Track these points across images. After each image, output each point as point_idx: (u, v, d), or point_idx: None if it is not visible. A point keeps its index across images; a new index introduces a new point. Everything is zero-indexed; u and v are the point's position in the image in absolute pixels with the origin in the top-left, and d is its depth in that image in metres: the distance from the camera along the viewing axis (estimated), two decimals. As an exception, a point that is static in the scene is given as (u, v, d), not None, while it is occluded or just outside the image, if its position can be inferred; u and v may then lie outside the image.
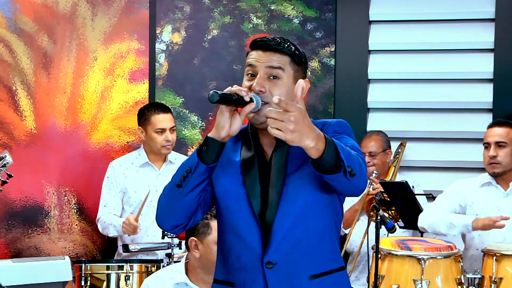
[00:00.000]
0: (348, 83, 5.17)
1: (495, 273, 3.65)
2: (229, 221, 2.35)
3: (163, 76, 5.25)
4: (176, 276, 3.37)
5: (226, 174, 2.34)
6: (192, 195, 2.29)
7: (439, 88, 5.13)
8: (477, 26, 5.07)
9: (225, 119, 2.25)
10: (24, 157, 4.97)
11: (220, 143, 2.25)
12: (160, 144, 4.56)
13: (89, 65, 5.11)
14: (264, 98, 2.29)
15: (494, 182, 4.16)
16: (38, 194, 5.01)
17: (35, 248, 5.01)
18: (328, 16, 5.19)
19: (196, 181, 2.27)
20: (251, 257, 2.30)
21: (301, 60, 2.37)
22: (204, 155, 2.25)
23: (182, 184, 2.28)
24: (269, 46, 2.34)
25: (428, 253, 3.61)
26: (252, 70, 2.34)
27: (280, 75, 2.32)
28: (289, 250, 2.28)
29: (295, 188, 2.28)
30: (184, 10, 5.26)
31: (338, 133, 2.34)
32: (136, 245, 4.18)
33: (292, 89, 2.31)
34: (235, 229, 2.33)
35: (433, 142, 5.09)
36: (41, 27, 5.05)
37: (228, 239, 2.35)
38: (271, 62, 2.32)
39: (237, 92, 2.24)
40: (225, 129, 2.25)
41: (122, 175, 4.63)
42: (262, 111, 2.28)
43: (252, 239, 2.29)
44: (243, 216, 2.31)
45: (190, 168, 2.27)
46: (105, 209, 4.60)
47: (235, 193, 2.33)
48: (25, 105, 5.00)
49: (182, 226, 2.37)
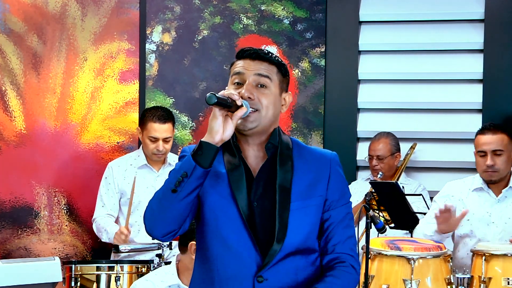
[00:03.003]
0: (338, 84, 5.18)
1: (484, 273, 3.66)
2: (218, 232, 2.34)
3: (153, 77, 5.24)
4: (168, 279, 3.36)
5: (213, 185, 2.34)
6: (187, 200, 2.28)
7: (429, 89, 5.14)
8: (467, 27, 5.09)
9: (219, 123, 2.25)
10: (13, 157, 4.96)
11: (216, 147, 2.26)
12: (151, 151, 4.56)
13: (79, 66, 5.11)
14: (253, 105, 2.32)
15: (486, 188, 4.15)
16: (27, 194, 5.00)
17: (25, 249, 5.00)
18: (318, 17, 5.20)
19: (193, 185, 2.27)
20: (241, 269, 2.31)
21: (286, 72, 2.42)
22: (200, 159, 2.25)
23: (178, 189, 2.26)
24: (258, 55, 2.37)
25: (418, 253, 3.62)
26: (240, 78, 2.36)
27: (268, 84, 2.35)
28: (284, 269, 2.31)
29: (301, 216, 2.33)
30: (174, 10, 5.25)
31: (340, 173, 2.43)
32: (126, 246, 4.18)
33: (278, 100, 2.38)
34: (225, 240, 2.32)
35: (422, 142, 5.10)
36: (30, 27, 5.04)
37: (216, 248, 2.35)
38: (260, 70, 2.35)
39: (230, 96, 2.25)
40: (219, 133, 2.26)
41: (121, 176, 4.61)
42: (250, 117, 2.31)
43: (246, 253, 2.30)
44: (234, 228, 2.31)
45: (186, 173, 2.25)
46: (103, 210, 4.59)
47: (225, 206, 2.33)
48: (15, 106, 4.99)
49: (173, 234, 2.35)
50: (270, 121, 2.36)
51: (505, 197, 4.12)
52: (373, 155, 4.80)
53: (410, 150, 4.99)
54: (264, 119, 2.34)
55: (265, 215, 2.32)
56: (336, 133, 5.15)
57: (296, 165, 2.37)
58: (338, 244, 2.39)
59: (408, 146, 5.01)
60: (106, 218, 4.55)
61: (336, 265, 2.38)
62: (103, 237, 4.52)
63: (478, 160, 4.14)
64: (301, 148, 2.43)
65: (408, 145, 5.01)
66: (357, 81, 5.18)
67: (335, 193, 2.39)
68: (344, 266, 2.38)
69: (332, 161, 2.41)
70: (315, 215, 2.36)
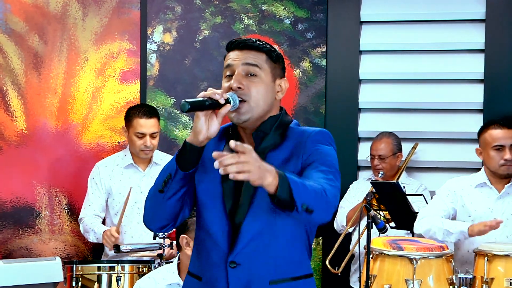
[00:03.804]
0: (339, 84, 5.17)
1: (487, 273, 3.66)
2: (203, 218, 2.39)
3: (154, 77, 5.24)
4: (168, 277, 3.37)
5: (207, 172, 2.37)
6: (174, 199, 2.33)
7: (430, 89, 5.14)
8: (468, 27, 5.09)
9: (201, 123, 2.28)
10: (14, 157, 4.96)
11: (198, 148, 2.28)
12: (138, 148, 4.53)
13: (80, 66, 5.10)
14: (242, 95, 2.32)
15: (489, 183, 4.15)
16: (29, 194, 5.00)
17: (26, 249, 4.99)
18: (319, 17, 5.19)
19: (177, 186, 2.31)
20: (218, 254, 2.34)
21: (277, 58, 2.40)
22: (182, 161, 2.29)
23: (164, 189, 2.32)
24: (245, 44, 2.37)
25: (420, 253, 3.62)
26: (230, 70, 2.38)
27: (258, 72, 2.35)
28: (254, 252, 2.31)
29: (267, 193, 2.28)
30: (175, 10, 5.25)
31: (319, 143, 2.35)
32: (127, 246, 4.17)
33: (271, 86, 2.37)
34: (207, 226, 2.37)
35: (424, 142, 5.10)
36: (31, 27, 5.04)
37: (201, 234, 2.40)
38: (248, 59, 2.35)
39: (211, 96, 2.27)
40: (202, 133, 2.28)
41: (107, 176, 4.60)
42: (241, 109, 2.32)
43: (220, 237, 2.33)
44: (215, 214, 2.35)
45: (170, 174, 2.31)
46: (89, 209, 4.57)
47: (212, 191, 2.36)
48: (16, 106, 4.99)
49: (170, 226, 2.41)
50: (263, 110, 2.36)
51: (508, 194, 4.12)
52: (375, 154, 4.80)
53: (411, 150, 4.99)
54: (257, 109, 2.34)
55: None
56: (337, 133, 5.11)
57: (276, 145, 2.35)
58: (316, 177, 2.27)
59: (410, 146, 5.01)
60: (93, 219, 4.53)
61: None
62: (90, 236, 4.48)
63: (492, 155, 4.12)
64: (293, 130, 2.40)
65: (409, 145, 5.01)
66: (358, 81, 5.18)
67: (309, 159, 2.30)
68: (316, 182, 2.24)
69: (310, 137, 2.35)
70: None
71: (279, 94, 2.41)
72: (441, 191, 4.22)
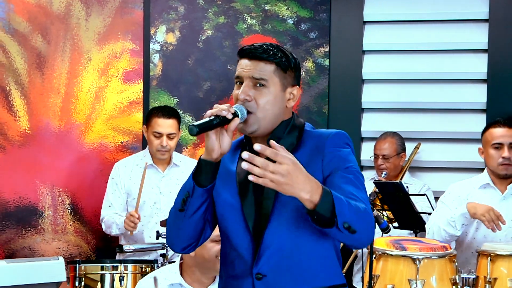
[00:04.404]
0: (342, 84, 5.17)
1: (490, 273, 3.65)
2: (225, 230, 2.37)
3: (157, 77, 5.24)
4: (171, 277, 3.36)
5: (224, 184, 2.35)
6: (195, 217, 2.31)
7: (433, 89, 5.14)
8: (471, 27, 5.09)
9: (212, 141, 2.25)
10: (18, 157, 4.96)
11: (214, 163, 2.26)
12: (155, 147, 4.55)
13: (83, 66, 5.11)
14: (249, 107, 2.30)
15: (492, 184, 4.14)
16: (32, 194, 5.00)
17: (29, 249, 5.00)
18: (322, 17, 5.19)
19: (197, 203, 2.28)
20: (243, 266, 2.32)
21: (288, 66, 2.36)
22: (199, 178, 2.26)
23: (184, 208, 2.30)
24: (254, 55, 2.33)
25: (423, 253, 3.61)
26: (239, 80, 2.35)
27: (265, 83, 2.32)
28: (279, 263, 2.28)
29: (290, 200, 2.24)
30: (178, 10, 5.25)
31: (338, 146, 2.32)
32: (130, 246, 4.18)
33: (280, 97, 2.33)
34: (230, 238, 2.35)
35: (427, 142, 5.10)
36: (35, 27, 5.04)
37: (225, 247, 2.39)
38: (254, 73, 2.31)
39: (218, 114, 2.23)
40: (215, 150, 2.25)
41: (127, 176, 4.61)
42: (249, 121, 2.30)
43: (243, 249, 2.31)
44: (236, 226, 2.33)
45: (188, 192, 2.28)
46: (110, 209, 4.58)
47: (230, 202, 2.34)
48: (19, 106, 4.99)
49: (193, 246, 2.39)
50: (270, 121, 2.33)
51: (511, 194, 4.11)
52: (378, 154, 4.80)
53: (414, 150, 4.99)
54: (264, 120, 2.31)
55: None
56: (340, 133, 5.14)
57: (293, 150, 2.32)
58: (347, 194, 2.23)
59: (413, 146, 5.01)
60: (113, 215, 4.54)
61: None
62: (113, 229, 4.48)
63: (491, 154, 4.10)
64: (307, 134, 2.39)
65: (412, 145, 5.01)
66: (361, 81, 5.18)
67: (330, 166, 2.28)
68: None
69: (328, 140, 2.32)
70: None
71: (290, 102, 2.38)
72: (446, 197, 4.19)
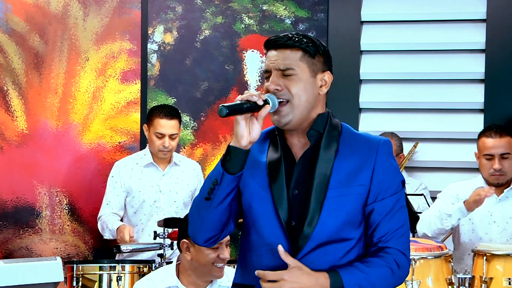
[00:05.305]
0: (340, 84, 5.15)
1: (486, 273, 3.66)
2: (253, 222, 2.31)
3: (155, 77, 5.24)
4: (167, 279, 3.36)
5: (253, 175, 2.30)
6: (222, 207, 2.25)
7: (431, 89, 5.14)
8: (469, 27, 5.09)
9: (242, 127, 2.19)
10: (15, 157, 4.96)
11: (244, 151, 2.20)
12: (157, 148, 4.56)
13: (81, 66, 5.11)
14: (282, 95, 2.25)
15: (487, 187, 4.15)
16: (29, 194, 5.00)
17: (27, 249, 5.00)
18: (320, 17, 5.19)
19: (224, 192, 2.23)
20: (274, 260, 2.26)
21: (316, 52, 2.30)
22: (228, 165, 2.20)
23: (211, 197, 2.23)
24: (280, 43, 2.30)
25: (419, 253, 3.61)
26: (268, 73, 2.30)
27: (294, 71, 2.27)
28: (314, 259, 2.25)
29: (337, 204, 2.23)
30: (176, 10, 5.25)
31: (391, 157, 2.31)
32: (128, 246, 4.18)
33: (310, 83, 2.28)
34: (259, 231, 2.29)
35: (424, 142, 5.10)
36: (32, 27, 5.04)
37: (252, 239, 2.32)
38: (279, 64, 2.27)
39: (248, 99, 2.19)
40: (245, 137, 2.20)
41: (127, 175, 4.62)
42: (283, 111, 2.25)
43: (277, 244, 2.24)
44: (268, 220, 2.27)
45: (216, 180, 2.22)
46: (107, 208, 4.59)
47: (261, 195, 2.28)
48: (17, 105, 4.99)
49: (215, 238, 2.33)
50: (305, 109, 2.27)
51: (507, 197, 4.12)
52: None
53: (412, 149, 4.99)
54: (298, 108, 2.26)
55: (304, 204, 2.26)
56: (337, 133, 5.14)
57: (340, 151, 2.27)
58: (384, 237, 2.26)
59: (410, 146, 5.01)
60: (111, 216, 4.55)
61: (379, 253, 2.27)
62: (106, 234, 4.52)
63: (483, 163, 4.10)
64: (350, 134, 2.33)
65: (409, 144, 5.02)
66: (358, 81, 5.18)
67: (381, 184, 2.26)
68: (383, 258, 2.25)
69: (379, 148, 2.28)
70: (353, 204, 2.25)
71: (322, 88, 2.32)
72: (443, 194, 4.21)
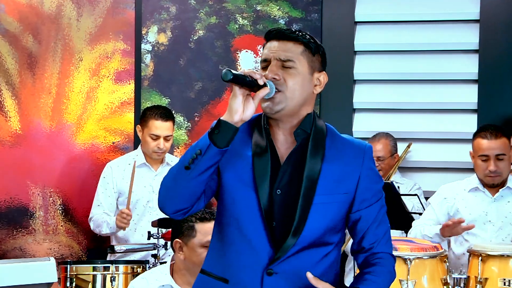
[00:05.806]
0: (334, 84, 5.13)
1: (481, 273, 3.66)
2: (234, 216, 2.27)
3: (149, 77, 5.24)
4: (161, 278, 3.36)
5: (235, 166, 2.27)
6: (200, 179, 2.20)
7: (424, 89, 5.15)
8: (462, 27, 5.10)
9: (238, 102, 2.17)
10: (8, 158, 4.95)
11: (234, 127, 2.17)
12: (152, 149, 4.56)
13: (75, 66, 5.10)
14: (278, 85, 2.24)
15: (482, 187, 4.15)
16: (23, 195, 4.99)
17: (20, 249, 4.99)
18: (313, 17, 5.20)
19: (206, 164, 2.18)
20: (253, 258, 2.25)
21: (317, 50, 2.30)
22: (216, 138, 2.16)
23: (191, 166, 2.18)
24: (284, 35, 2.28)
25: (414, 253, 3.62)
26: (266, 63, 2.28)
27: (293, 64, 2.26)
28: (296, 263, 2.25)
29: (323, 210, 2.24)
30: (170, 10, 5.25)
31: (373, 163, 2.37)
32: (122, 246, 4.17)
33: (308, 79, 2.28)
34: (241, 227, 2.26)
35: (418, 142, 5.11)
36: (25, 27, 5.03)
37: (232, 233, 2.28)
38: (281, 54, 2.26)
39: (251, 75, 2.17)
40: (238, 113, 2.17)
41: (120, 175, 4.61)
42: (276, 99, 2.23)
43: (260, 245, 2.24)
44: (252, 220, 2.25)
45: (200, 150, 2.17)
46: (99, 209, 4.58)
47: (245, 193, 2.26)
48: (10, 106, 4.98)
49: (185, 211, 2.27)
50: (298, 103, 2.27)
51: (502, 197, 4.13)
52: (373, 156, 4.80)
53: (405, 149, 5.00)
54: (291, 101, 2.25)
55: (286, 205, 2.24)
56: (331, 133, 5.14)
57: (327, 156, 2.28)
58: (376, 242, 2.34)
59: (404, 146, 5.02)
60: (103, 214, 4.54)
61: (376, 261, 2.34)
62: (103, 228, 4.47)
63: (479, 164, 4.11)
64: (334, 137, 2.34)
65: (403, 145, 5.02)
66: (352, 81, 5.18)
67: (366, 192, 2.30)
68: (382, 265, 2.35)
69: (365, 155, 2.32)
70: (337, 212, 2.28)
71: (317, 88, 2.32)
72: (434, 199, 4.23)
